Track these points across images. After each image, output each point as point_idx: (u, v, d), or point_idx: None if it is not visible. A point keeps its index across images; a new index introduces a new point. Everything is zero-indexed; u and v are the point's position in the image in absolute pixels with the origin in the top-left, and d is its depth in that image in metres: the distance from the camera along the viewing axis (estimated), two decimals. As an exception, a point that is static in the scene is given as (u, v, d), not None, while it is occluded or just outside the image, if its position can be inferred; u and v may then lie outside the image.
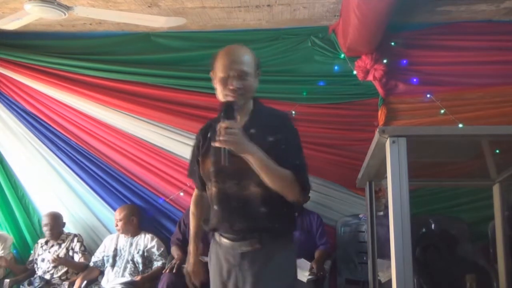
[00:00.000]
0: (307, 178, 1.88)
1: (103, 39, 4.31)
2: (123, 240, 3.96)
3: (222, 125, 1.70)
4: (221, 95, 1.90)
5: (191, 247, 2.12)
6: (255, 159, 1.75)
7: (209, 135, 1.98)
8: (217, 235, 1.99)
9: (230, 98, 1.85)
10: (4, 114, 4.33)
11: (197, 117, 3.99)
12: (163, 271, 3.57)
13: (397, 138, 1.47)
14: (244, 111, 1.92)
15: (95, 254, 3.98)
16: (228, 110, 1.75)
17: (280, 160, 1.80)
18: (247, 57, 1.90)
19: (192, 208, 2.17)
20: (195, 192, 2.18)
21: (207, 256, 2.07)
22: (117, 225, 3.94)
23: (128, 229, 3.94)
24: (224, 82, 1.87)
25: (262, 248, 1.89)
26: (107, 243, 4.01)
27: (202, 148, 2.00)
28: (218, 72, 1.90)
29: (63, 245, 3.99)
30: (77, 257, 3.92)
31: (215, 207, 1.94)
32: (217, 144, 1.71)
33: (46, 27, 4.17)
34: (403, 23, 3.96)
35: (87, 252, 4.02)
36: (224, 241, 1.94)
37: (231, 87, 1.85)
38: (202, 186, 2.06)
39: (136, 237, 3.96)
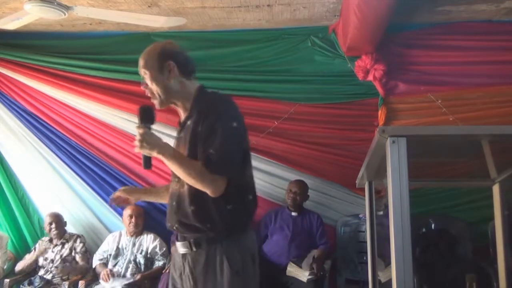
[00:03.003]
0: (221, 168, 1.68)
1: (103, 39, 4.31)
2: (126, 240, 3.95)
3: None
4: None
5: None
6: (162, 157, 1.70)
7: None
8: None
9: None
10: (4, 114, 4.32)
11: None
12: (163, 271, 3.57)
13: (397, 138, 1.47)
14: (185, 106, 1.85)
15: (98, 251, 3.97)
16: (140, 114, 1.76)
17: (200, 151, 1.71)
18: (144, 59, 1.83)
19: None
20: None
21: None
22: (131, 222, 3.89)
23: (138, 228, 3.93)
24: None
25: (201, 251, 1.75)
26: (110, 240, 4.00)
27: None
28: None
29: (66, 245, 3.99)
30: (78, 257, 3.92)
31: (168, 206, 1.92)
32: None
33: (46, 27, 4.16)
34: (403, 23, 3.96)
35: (88, 253, 4.01)
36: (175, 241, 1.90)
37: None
38: None
39: (139, 237, 3.95)
